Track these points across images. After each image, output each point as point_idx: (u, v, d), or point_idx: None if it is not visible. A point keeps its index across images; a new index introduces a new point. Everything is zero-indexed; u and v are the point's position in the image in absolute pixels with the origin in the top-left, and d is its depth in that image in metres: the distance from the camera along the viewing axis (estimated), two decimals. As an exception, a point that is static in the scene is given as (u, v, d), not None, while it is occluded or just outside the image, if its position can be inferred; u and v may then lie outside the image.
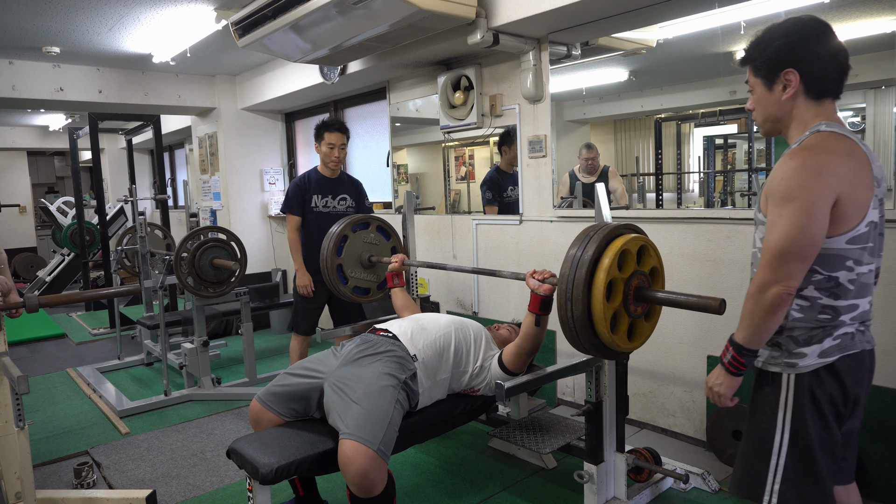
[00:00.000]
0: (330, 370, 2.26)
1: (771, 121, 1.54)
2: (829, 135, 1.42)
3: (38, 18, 3.91)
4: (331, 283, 3.11)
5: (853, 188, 1.38)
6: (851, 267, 1.42)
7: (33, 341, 5.84)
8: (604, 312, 1.81)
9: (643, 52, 3.20)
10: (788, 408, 1.46)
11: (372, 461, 1.94)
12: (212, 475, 2.89)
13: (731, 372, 1.50)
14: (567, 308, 1.84)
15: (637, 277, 1.91)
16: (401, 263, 2.98)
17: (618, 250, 1.83)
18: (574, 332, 1.87)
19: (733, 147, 3.37)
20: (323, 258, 3.10)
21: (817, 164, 1.36)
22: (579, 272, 1.82)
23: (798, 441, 1.45)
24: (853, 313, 1.46)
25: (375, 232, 3.24)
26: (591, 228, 1.92)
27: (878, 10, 2.39)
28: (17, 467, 2.20)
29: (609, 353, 2.01)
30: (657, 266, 2.03)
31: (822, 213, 1.36)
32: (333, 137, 3.53)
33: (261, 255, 6.05)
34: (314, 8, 2.99)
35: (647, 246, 1.97)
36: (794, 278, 1.38)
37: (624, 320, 1.92)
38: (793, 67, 1.45)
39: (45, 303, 2.27)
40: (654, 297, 1.91)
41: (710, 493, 2.55)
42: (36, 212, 11.05)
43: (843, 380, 1.44)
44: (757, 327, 1.43)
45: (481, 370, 2.44)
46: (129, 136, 6.78)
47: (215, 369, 4.34)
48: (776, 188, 1.40)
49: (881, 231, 1.49)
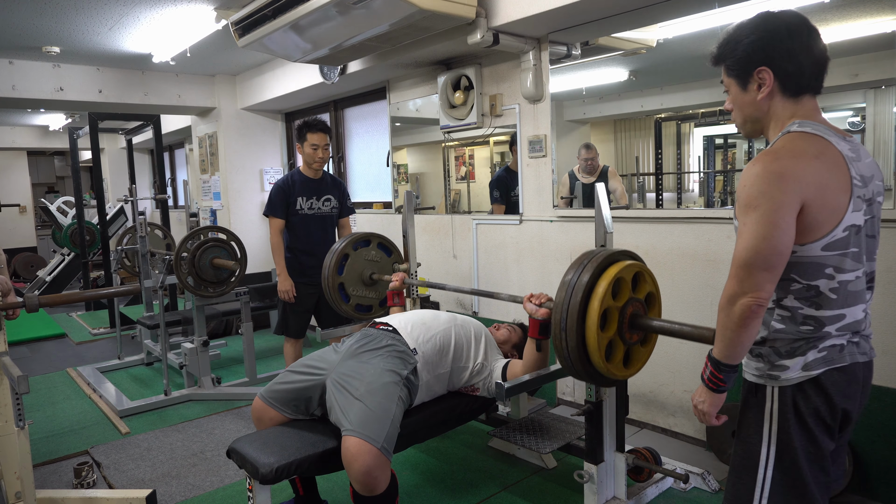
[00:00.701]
0: (331, 366, 2.26)
1: (750, 122, 1.48)
2: (797, 136, 1.36)
3: (38, 18, 3.91)
4: (333, 302, 3.12)
5: (821, 192, 1.31)
6: (832, 275, 1.35)
7: (33, 341, 5.84)
8: (598, 342, 1.80)
9: (643, 52, 3.20)
10: (774, 421, 1.41)
11: (376, 459, 1.94)
12: (212, 475, 2.89)
13: (712, 389, 1.44)
14: (562, 338, 1.85)
15: (632, 305, 1.91)
16: (401, 282, 2.99)
17: (612, 279, 1.82)
18: (569, 361, 1.87)
19: (733, 147, 3.37)
20: (325, 277, 3.12)
21: (779, 169, 1.30)
22: (573, 301, 1.82)
23: (784, 454, 1.40)
24: (840, 323, 1.38)
25: (377, 249, 3.26)
26: (586, 255, 1.92)
27: (878, 10, 2.39)
28: (17, 467, 2.20)
29: (605, 382, 2.01)
30: (653, 291, 2.03)
31: (785, 221, 1.29)
32: (316, 138, 3.50)
33: (261, 255, 6.05)
34: (314, 8, 2.99)
35: (643, 272, 1.96)
36: (762, 289, 1.32)
37: (619, 349, 1.92)
38: (766, 65, 1.39)
39: (45, 302, 2.28)
40: (649, 326, 1.91)
41: (710, 492, 2.55)
42: (36, 211, 11.05)
43: (830, 394, 1.37)
44: (730, 341, 1.37)
45: (482, 368, 2.45)
46: (129, 136, 6.78)
47: (215, 369, 4.34)
48: (741, 195, 1.36)
49: (870, 233, 1.41)
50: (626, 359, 1.97)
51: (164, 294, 4.54)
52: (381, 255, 3.28)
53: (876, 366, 2.42)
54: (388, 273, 3.25)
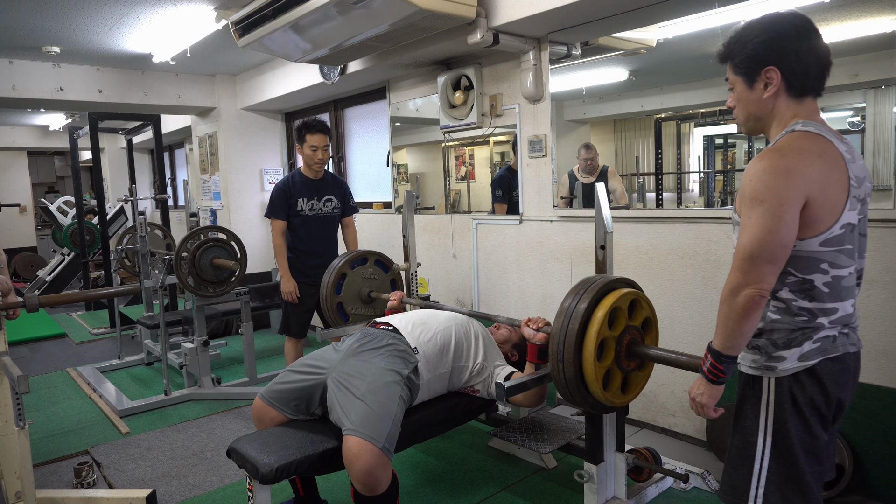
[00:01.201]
0: (332, 365, 2.26)
1: (753, 119, 1.52)
2: (801, 135, 1.40)
3: (38, 18, 3.91)
4: (332, 322, 3.13)
5: (823, 189, 1.36)
6: (826, 269, 1.41)
7: (33, 341, 5.84)
8: (595, 372, 1.82)
9: (643, 51, 3.20)
10: (770, 411, 1.45)
11: (377, 458, 1.94)
12: (212, 475, 2.89)
13: (712, 380, 1.48)
14: (560, 369, 1.86)
15: (629, 333, 1.92)
16: (399, 301, 3.00)
17: (609, 308, 1.84)
18: (567, 391, 1.89)
19: (733, 147, 3.38)
20: (323, 297, 3.13)
21: (785, 165, 1.35)
22: (570, 331, 1.83)
23: (780, 444, 1.44)
24: (832, 316, 1.43)
25: (374, 266, 3.27)
26: (583, 283, 1.93)
27: (878, 10, 2.39)
28: (18, 467, 2.20)
29: (604, 409, 2.04)
30: (650, 317, 2.04)
31: (789, 215, 1.34)
32: (315, 139, 3.49)
33: (261, 255, 6.05)
34: (314, 8, 2.99)
35: (639, 299, 1.97)
36: (765, 281, 1.36)
37: (617, 376, 1.94)
38: (773, 65, 1.43)
39: (45, 302, 2.28)
40: (645, 354, 1.94)
41: (710, 492, 2.55)
42: (36, 211, 11.06)
43: (825, 383, 1.42)
44: (732, 331, 1.41)
45: (482, 369, 2.44)
46: (129, 136, 6.78)
47: (215, 369, 4.34)
48: (745, 190, 1.40)
49: (862, 232, 1.47)
50: (623, 385, 1.99)
51: (164, 294, 4.54)
52: (378, 272, 3.30)
53: (876, 366, 2.43)
54: (385, 290, 3.29)
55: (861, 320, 2.38)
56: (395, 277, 3.36)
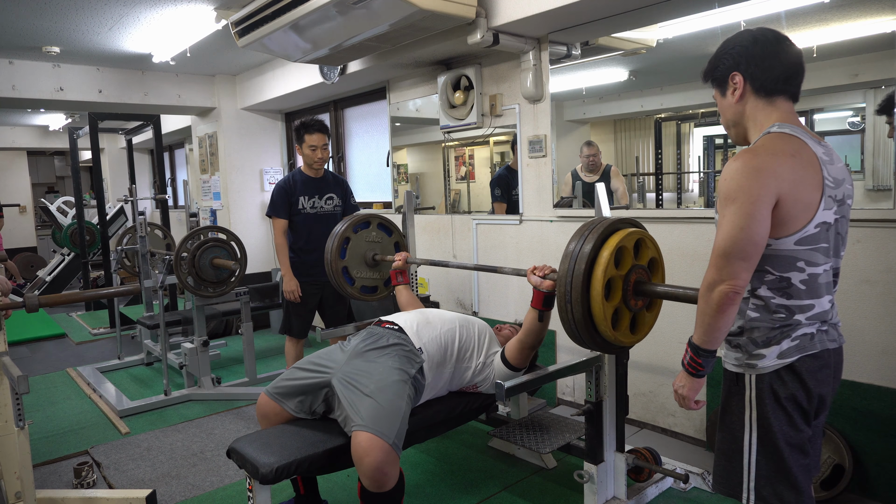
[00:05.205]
0: (338, 365, 2.26)
1: (732, 125, 1.60)
2: (776, 136, 1.46)
3: (38, 18, 3.91)
4: (337, 286, 3.11)
5: (795, 188, 1.40)
6: (803, 268, 1.46)
7: (33, 341, 5.83)
8: (604, 312, 1.82)
9: (643, 52, 3.21)
10: (753, 407, 1.51)
11: (387, 454, 1.94)
12: (212, 475, 2.89)
13: (692, 373, 1.55)
14: (567, 310, 1.85)
15: (635, 272, 1.91)
16: (404, 261, 2.99)
17: (614, 248, 1.83)
18: (576, 332, 1.88)
19: (733, 147, 3.37)
20: (327, 261, 3.09)
21: (757, 165, 1.40)
22: (577, 273, 1.82)
23: (765, 439, 1.50)
24: (809, 313, 1.48)
25: (377, 230, 3.24)
26: (587, 225, 1.92)
27: (878, 10, 2.39)
28: (17, 467, 2.20)
29: (613, 349, 2.04)
30: (656, 257, 2.03)
31: (761, 213, 1.39)
32: (314, 139, 3.48)
33: (261, 255, 6.05)
34: (314, 8, 2.99)
35: (644, 238, 1.97)
36: (739, 277, 1.41)
37: (625, 316, 1.93)
38: (736, 70, 1.53)
39: (45, 302, 2.28)
40: (653, 292, 1.92)
41: (710, 492, 2.55)
42: (36, 211, 11.06)
43: (804, 379, 1.47)
44: (709, 326, 1.47)
45: (484, 367, 2.45)
46: (129, 136, 6.78)
47: (215, 369, 4.34)
48: (721, 189, 1.46)
49: (840, 231, 1.52)
50: (632, 325, 1.97)
51: (164, 294, 4.54)
52: (381, 235, 3.26)
53: (876, 366, 2.43)
54: (390, 253, 3.23)
55: (861, 320, 2.40)
56: (398, 240, 3.32)
